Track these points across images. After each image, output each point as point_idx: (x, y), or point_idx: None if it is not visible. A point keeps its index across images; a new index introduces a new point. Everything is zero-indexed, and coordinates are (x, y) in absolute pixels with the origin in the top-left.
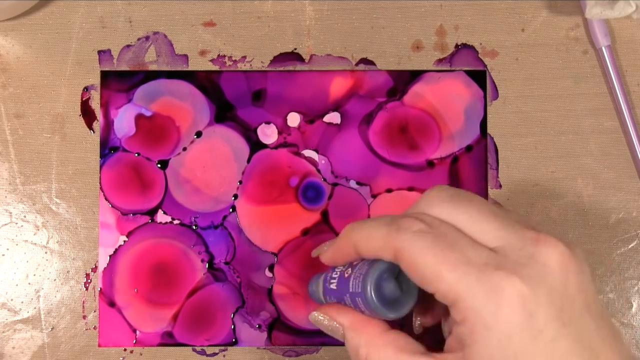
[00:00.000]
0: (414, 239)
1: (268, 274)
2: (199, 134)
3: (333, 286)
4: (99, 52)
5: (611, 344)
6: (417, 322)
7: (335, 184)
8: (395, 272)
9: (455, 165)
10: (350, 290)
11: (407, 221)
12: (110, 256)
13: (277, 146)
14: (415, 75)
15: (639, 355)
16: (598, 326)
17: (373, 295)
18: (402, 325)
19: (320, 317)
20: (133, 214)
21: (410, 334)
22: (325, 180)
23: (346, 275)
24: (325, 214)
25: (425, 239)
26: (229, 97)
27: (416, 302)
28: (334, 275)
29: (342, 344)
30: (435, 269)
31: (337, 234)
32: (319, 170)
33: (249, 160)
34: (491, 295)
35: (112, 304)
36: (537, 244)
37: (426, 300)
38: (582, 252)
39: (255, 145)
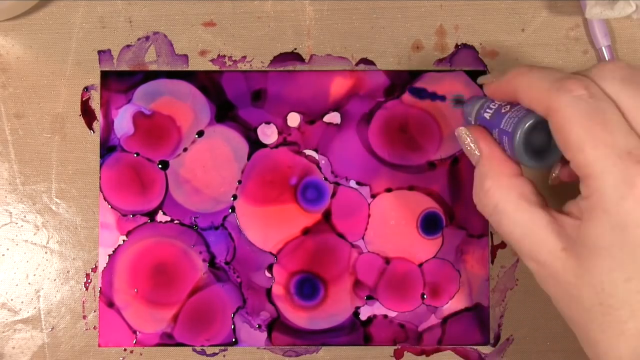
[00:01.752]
0: (571, 102)
1: (267, 274)
2: (200, 134)
3: (487, 115)
4: (99, 52)
5: None
6: (554, 174)
7: (336, 184)
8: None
9: (455, 166)
10: (502, 126)
11: (571, 83)
12: (109, 256)
13: (277, 145)
14: (414, 75)
15: None
16: None
17: (522, 139)
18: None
19: (465, 134)
20: (133, 215)
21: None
22: (326, 179)
23: (503, 110)
24: (327, 214)
25: (581, 107)
26: (229, 97)
27: (559, 159)
28: (491, 106)
29: (343, 344)
30: (579, 139)
31: (338, 234)
32: (320, 168)
33: (249, 159)
34: (621, 185)
35: (111, 304)
36: None
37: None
38: None
39: (255, 145)
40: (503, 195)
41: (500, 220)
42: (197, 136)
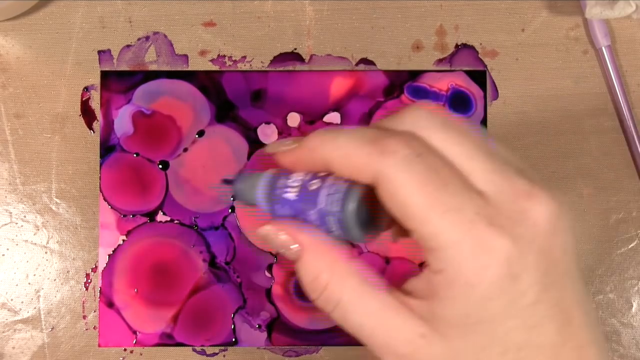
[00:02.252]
0: (400, 167)
1: (267, 274)
2: (200, 134)
3: (291, 196)
4: (99, 52)
5: (583, 307)
6: (394, 239)
7: None
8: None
9: None
10: (322, 206)
11: (392, 143)
12: (109, 256)
13: None
14: (414, 75)
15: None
16: (574, 289)
17: (354, 215)
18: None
19: (274, 230)
20: (133, 215)
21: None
22: None
23: (312, 187)
24: None
25: (413, 170)
26: (229, 97)
27: (389, 222)
28: (292, 184)
29: (342, 344)
30: (421, 209)
31: None
32: None
33: (248, 159)
34: (479, 253)
35: (111, 304)
36: (530, 198)
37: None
38: (568, 208)
39: (255, 145)
40: (345, 285)
41: (346, 315)
42: (197, 136)
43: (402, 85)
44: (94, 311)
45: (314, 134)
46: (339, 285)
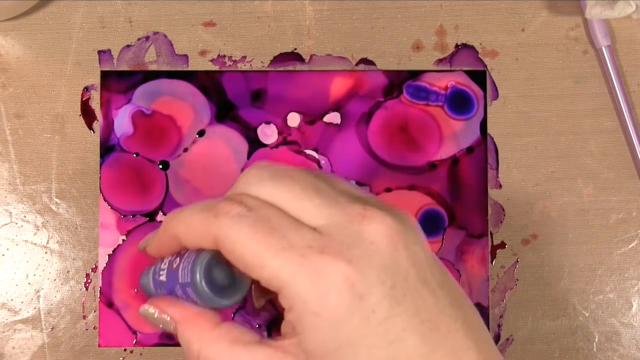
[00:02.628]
0: (232, 224)
1: None
2: (200, 134)
3: (162, 278)
4: (99, 52)
5: (452, 313)
6: (257, 299)
7: None
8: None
9: (455, 166)
10: (180, 280)
11: (224, 205)
12: (109, 256)
13: (277, 145)
14: (414, 75)
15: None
16: (437, 297)
17: (203, 283)
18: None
19: (150, 310)
20: (133, 216)
21: (254, 311)
22: None
23: (174, 265)
24: None
25: (244, 224)
26: (229, 97)
27: (251, 283)
28: (162, 267)
29: None
30: (256, 255)
31: None
32: (320, 167)
33: (249, 157)
34: (316, 282)
35: (111, 304)
36: (363, 220)
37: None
38: (413, 222)
39: (255, 145)
40: (215, 350)
41: None
42: (197, 136)
43: (402, 84)
44: (94, 311)
45: (167, 216)
46: (209, 351)
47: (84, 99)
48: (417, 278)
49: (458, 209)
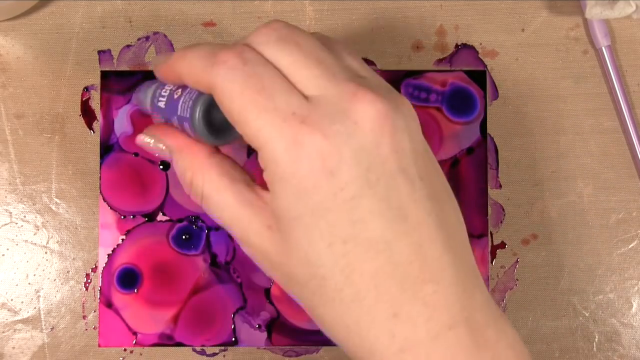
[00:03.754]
0: (226, 75)
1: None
2: None
3: (161, 104)
4: (99, 52)
5: (426, 206)
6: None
7: None
8: None
9: (455, 167)
10: (179, 113)
11: (224, 54)
12: (108, 255)
13: None
14: (413, 75)
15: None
16: (414, 188)
17: (201, 121)
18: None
19: (147, 139)
20: (133, 216)
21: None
22: None
23: (175, 96)
24: None
25: (236, 78)
26: None
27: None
28: (163, 93)
29: None
30: (241, 111)
31: None
32: None
33: (248, 155)
34: (290, 148)
35: (111, 304)
36: (353, 99)
37: None
38: (408, 109)
39: None
40: (205, 177)
41: (209, 206)
42: None
43: (400, 83)
44: (94, 311)
45: (177, 51)
46: (199, 179)
47: (84, 99)
48: (396, 165)
49: None
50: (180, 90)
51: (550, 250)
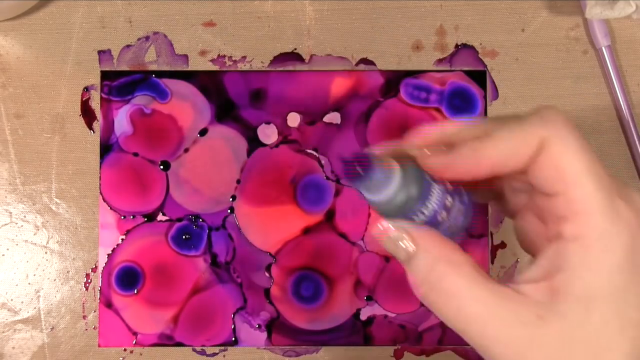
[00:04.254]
0: (566, 129)
1: (267, 274)
2: (201, 133)
3: (416, 219)
4: (99, 52)
5: None
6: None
7: (337, 181)
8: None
9: None
10: (440, 229)
11: (549, 111)
12: (108, 255)
13: (277, 144)
14: (410, 72)
15: None
16: None
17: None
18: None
19: (393, 232)
20: (133, 216)
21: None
22: (328, 178)
23: (440, 218)
24: (330, 214)
25: (577, 134)
26: (230, 97)
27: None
28: (424, 211)
29: (342, 344)
30: (579, 172)
31: (340, 234)
32: (322, 166)
33: (248, 156)
34: (616, 221)
35: (111, 304)
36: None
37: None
38: None
39: (255, 145)
40: (461, 274)
41: (460, 305)
42: (198, 135)
43: (399, 82)
44: (94, 311)
45: (463, 144)
46: (455, 275)
47: (84, 99)
48: None
49: None
50: (445, 213)
51: None
